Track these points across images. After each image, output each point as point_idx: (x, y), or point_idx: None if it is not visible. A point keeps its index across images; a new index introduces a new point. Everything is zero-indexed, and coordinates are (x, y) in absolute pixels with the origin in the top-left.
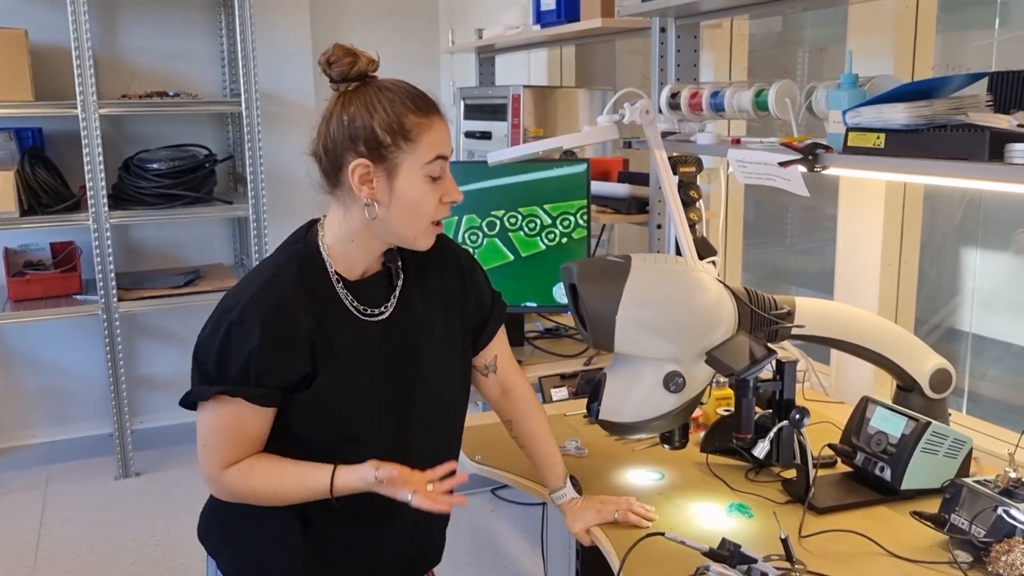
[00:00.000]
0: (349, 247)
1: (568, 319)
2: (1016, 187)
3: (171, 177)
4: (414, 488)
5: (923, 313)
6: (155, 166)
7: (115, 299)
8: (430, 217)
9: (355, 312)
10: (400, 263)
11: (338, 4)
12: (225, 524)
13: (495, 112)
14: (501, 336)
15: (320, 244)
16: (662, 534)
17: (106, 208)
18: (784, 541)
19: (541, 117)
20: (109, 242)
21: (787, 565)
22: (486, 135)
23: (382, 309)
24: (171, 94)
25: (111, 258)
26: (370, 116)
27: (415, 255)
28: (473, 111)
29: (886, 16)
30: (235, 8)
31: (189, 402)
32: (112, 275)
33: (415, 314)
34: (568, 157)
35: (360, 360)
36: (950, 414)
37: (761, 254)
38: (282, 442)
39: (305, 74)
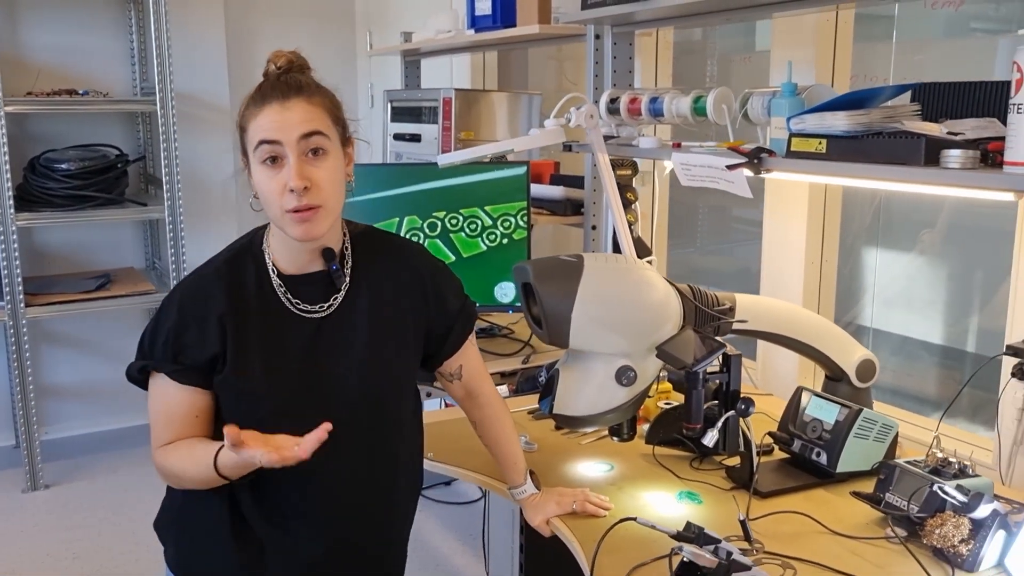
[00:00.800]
0: (280, 241)
1: (503, 318)
2: (950, 190)
3: (81, 178)
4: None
5: (836, 310)
6: (64, 166)
7: (22, 305)
8: (278, 205)
9: (287, 304)
10: (349, 265)
11: (252, 4)
12: (171, 512)
13: (423, 115)
14: (468, 347)
15: (264, 239)
16: (634, 519)
17: (12, 210)
18: (743, 523)
19: (468, 120)
20: (15, 245)
21: (746, 545)
22: (416, 138)
23: (320, 307)
24: (80, 92)
25: (17, 262)
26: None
27: (369, 260)
28: (401, 114)
29: (807, 29)
30: (149, 5)
31: (129, 377)
32: (19, 279)
33: (358, 316)
34: (500, 160)
35: (282, 351)
36: (873, 401)
37: (674, 255)
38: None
39: (219, 74)
